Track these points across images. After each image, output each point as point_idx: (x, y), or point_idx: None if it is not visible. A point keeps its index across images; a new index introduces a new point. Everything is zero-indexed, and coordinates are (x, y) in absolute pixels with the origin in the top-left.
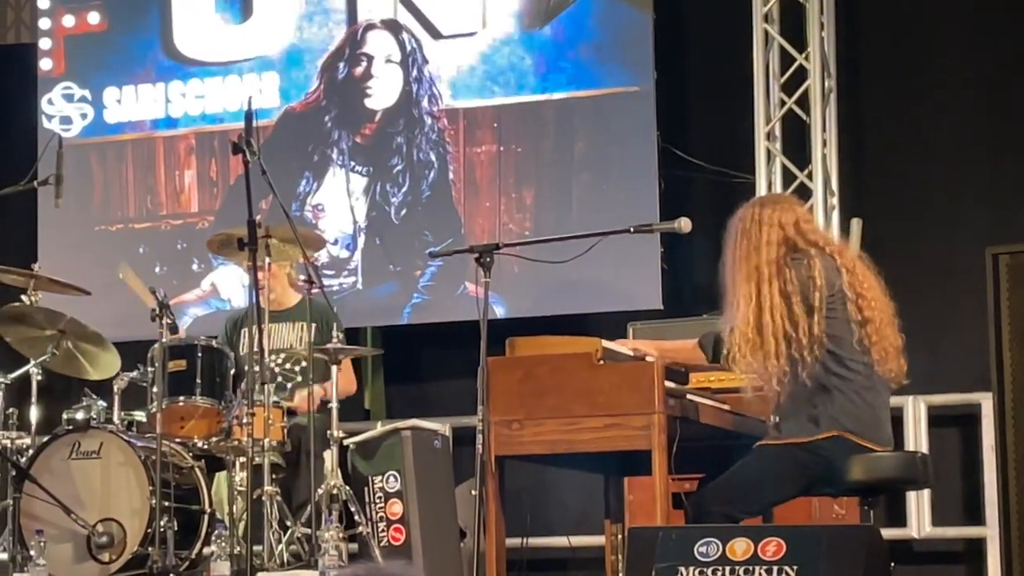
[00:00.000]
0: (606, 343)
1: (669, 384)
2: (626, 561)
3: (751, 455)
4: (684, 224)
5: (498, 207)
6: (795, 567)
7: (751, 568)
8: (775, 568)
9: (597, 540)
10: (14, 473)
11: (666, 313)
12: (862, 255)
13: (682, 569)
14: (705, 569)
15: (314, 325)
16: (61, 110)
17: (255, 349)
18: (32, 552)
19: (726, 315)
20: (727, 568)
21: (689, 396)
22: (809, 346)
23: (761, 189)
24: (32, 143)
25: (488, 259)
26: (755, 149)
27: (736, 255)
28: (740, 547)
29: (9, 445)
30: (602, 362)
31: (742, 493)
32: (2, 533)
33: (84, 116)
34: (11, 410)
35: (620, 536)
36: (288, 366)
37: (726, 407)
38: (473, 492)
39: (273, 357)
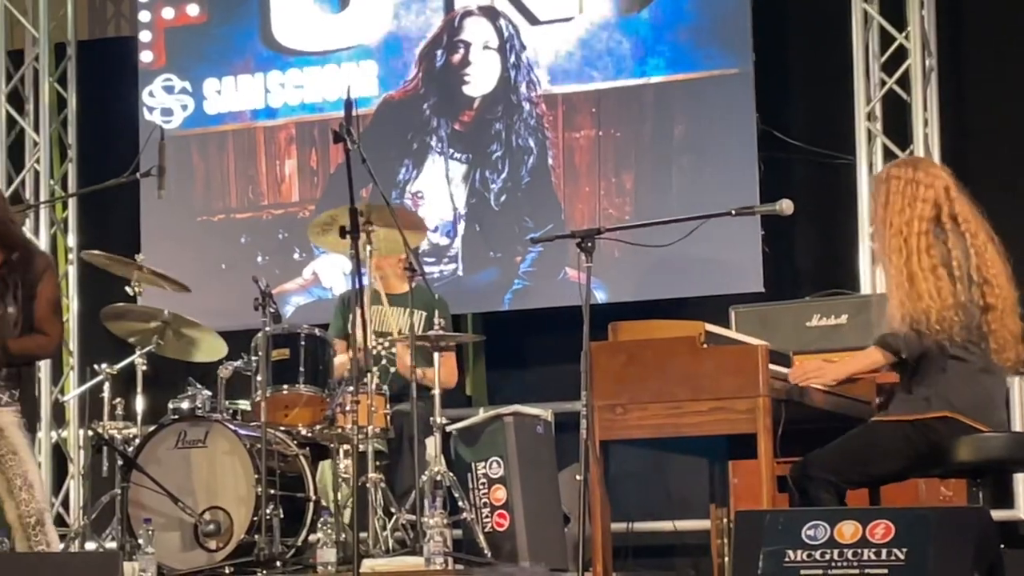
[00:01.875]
0: (709, 326)
1: (773, 367)
2: (733, 545)
3: (860, 428)
4: (786, 206)
5: (597, 192)
6: (904, 549)
7: (859, 551)
8: (884, 551)
9: (702, 524)
10: (122, 463)
11: (768, 296)
12: (994, 238)
13: (790, 552)
14: (813, 552)
15: (423, 312)
16: (162, 102)
17: (359, 338)
18: (140, 540)
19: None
20: (835, 551)
21: None
22: (940, 314)
23: (862, 170)
24: (134, 135)
25: (590, 244)
26: (856, 130)
27: (892, 207)
28: (848, 530)
29: (116, 435)
30: (706, 345)
31: (847, 464)
32: (111, 522)
33: (185, 108)
34: (118, 400)
35: (725, 520)
36: (393, 350)
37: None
38: (577, 477)
39: (379, 341)
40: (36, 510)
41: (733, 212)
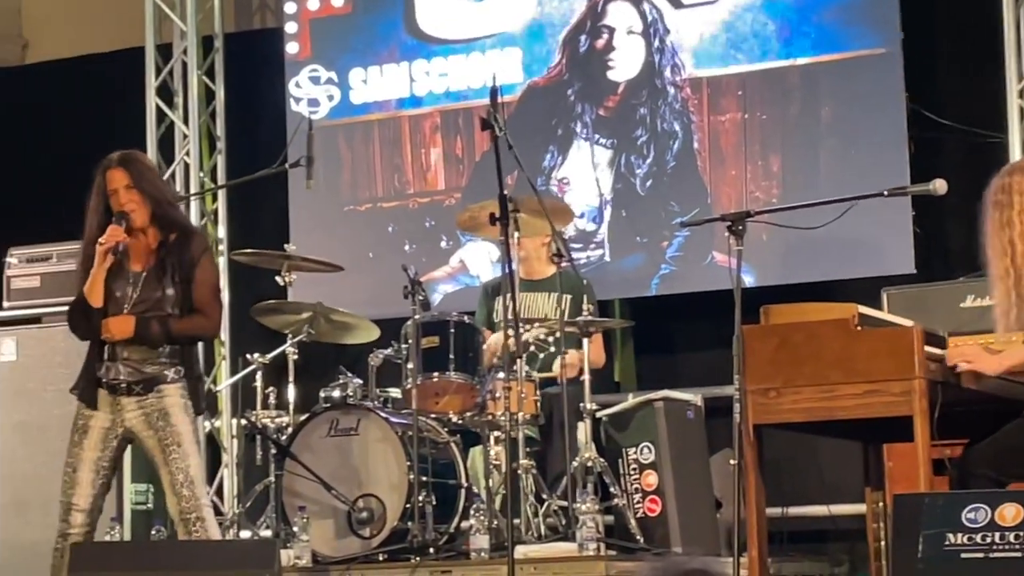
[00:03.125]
0: (862, 308)
1: (929, 349)
2: (892, 528)
3: (1020, 420)
4: (939, 186)
5: (744, 175)
6: None
7: (1021, 534)
8: None
9: (857, 509)
10: (275, 451)
11: (920, 278)
12: None
13: (950, 535)
14: (974, 535)
15: (568, 296)
16: (308, 93)
17: (510, 325)
18: (295, 528)
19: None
20: (996, 534)
21: None
22: None
23: (1014, 148)
24: (281, 126)
25: (740, 227)
26: (1007, 108)
27: (990, 228)
28: (1010, 512)
29: (269, 424)
30: (859, 328)
31: (1009, 457)
32: (265, 510)
33: (331, 98)
34: (270, 390)
35: (881, 504)
36: (541, 336)
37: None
38: (731, 462)
39: (526, 327)
40: (196, 506)
41: (886, 193)
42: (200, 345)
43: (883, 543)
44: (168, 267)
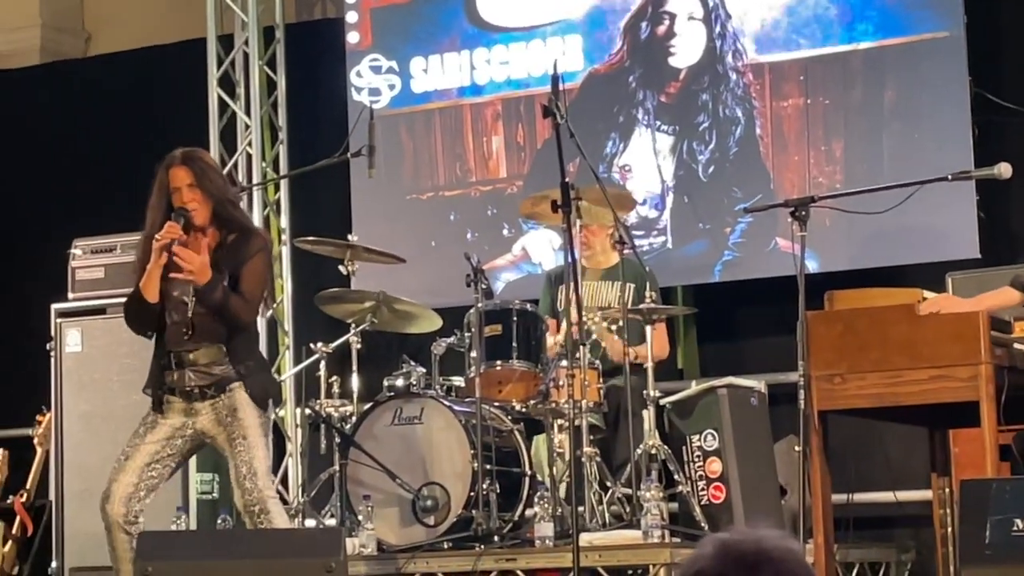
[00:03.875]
0: (927, 294)
1: (995, 333)
2: (959, 514)
3: None
4: (1004, 170)
5: (807, 160)
6: None
7: None
8: None
9: (923, 495)
10: (339, 440)
11: (984, 262)
12: None
13: (1018, 521)
14: None
15: (631, 284)
16: (369, 82)
17: (572, 313)
18: (360, 517)
19: None
20: None
21: (1016, 344)
22: None
23: None
24: (342, 116)
25: (803, 213)
26: None
27: None
28: None
29: (333, 413)
30: (924, 313)
31: None
32: (330, 499)
33: (392, 87)
34: (333, 379)
35: (948, 490)
36: (605, 324)
37: None
38: (796, 448)
39: (590, 315)
40: (259, 499)
41: (950, 177)
42: (261, 337)
43: (950, 529)
44: (223, 267)
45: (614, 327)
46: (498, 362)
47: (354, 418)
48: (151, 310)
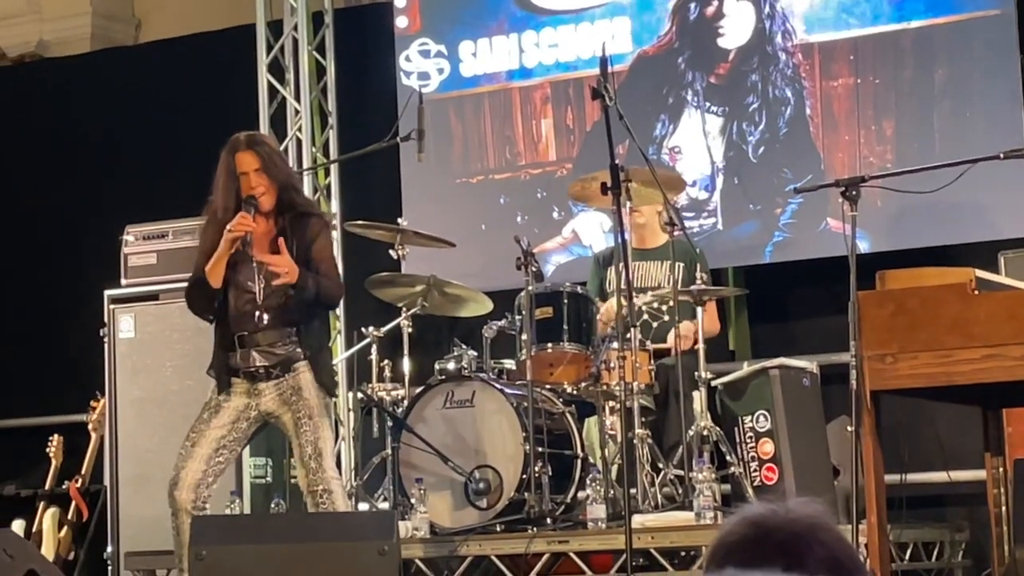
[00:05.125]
0: (979, 272)
1: None
2: (1012, 494)
3: None
4: None
5: (857, 140)
6: None
7: None
8: None
9: (976, 475)
10: (391, 424)
11: None
12: None
13: None
14: None
15: (681, 265)
16: (418, 66)
17: (623, 293)
18: (413, 500)
19: None
20: None
21: None
22: None
23: None
24: (391, 100)
25: (854, 192)
26: None
27: None
28: None
29: (385, 397)
30: (976, 292)
31: None
32: (382, 483)
33: (441, 71)
34: (385, 363)
35: (1001, 469)
36: (655, 305)
37: None
38: (848, 429)
39: (639, 296)
40: (323, 479)
41: (1002, 156)
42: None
43: (1004, 508)
44: (287, 251)
45: (664, 307)
46: (549, 345)
47: (406, 402)
48: (215, 295)
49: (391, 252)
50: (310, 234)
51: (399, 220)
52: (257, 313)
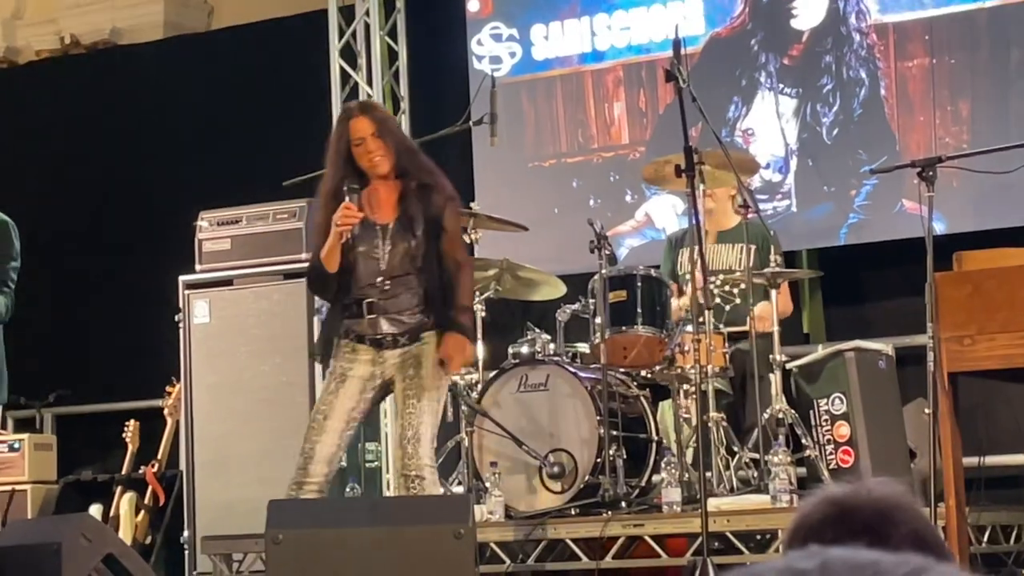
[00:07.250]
0: None
1: None
2: None
3: None
4: None
5: (933, 121)
6: None
7: None
8: None
9: None
10: (465, 408)
11: None
12: None
13: None
14: None
15: (754, 247)
16: (490, 50)
17: (698, 277)
18: (487, 484)
19: None
20: None
21: None
22: None
23: None
24: (463, 84)
25: (931, 173)
26: None
27: None
28: None
29: (459, 381)
30: None
31: None
32: (457, 467)
33: (513, 55)
34: None
35: None
36: (727, 288)
37: None
38: (925, 411)
39: (712, 279)
40: (417, 465)
41: None
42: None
43: None
44: (414, 217)
45: (736, 290)
46: (623, 328)
47: (479, 386)
48: (333, 278)
49: (464, 236)
50: (437, 204)
51: (472, 204)
52: (381, 279)
